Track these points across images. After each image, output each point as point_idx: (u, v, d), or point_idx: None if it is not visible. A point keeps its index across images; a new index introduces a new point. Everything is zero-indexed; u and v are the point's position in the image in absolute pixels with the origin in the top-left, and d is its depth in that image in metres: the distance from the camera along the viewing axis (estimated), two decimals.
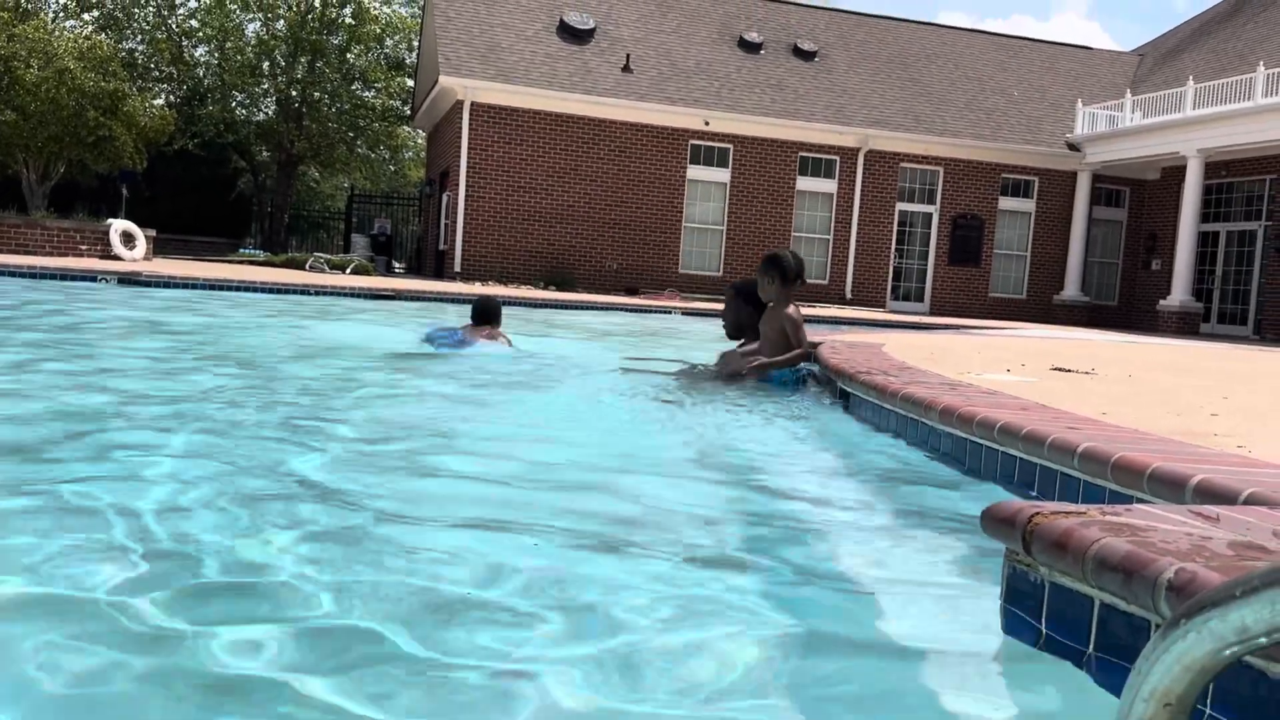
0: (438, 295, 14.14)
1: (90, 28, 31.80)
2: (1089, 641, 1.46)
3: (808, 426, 4.26)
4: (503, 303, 7.31)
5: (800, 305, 5.61)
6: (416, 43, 31.74)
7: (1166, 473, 2.10)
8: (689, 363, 6.08)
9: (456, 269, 20.62)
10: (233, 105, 34.78)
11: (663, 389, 5.15)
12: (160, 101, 32.67)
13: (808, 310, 13.79)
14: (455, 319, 9.36)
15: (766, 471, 3.39)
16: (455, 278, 20.34)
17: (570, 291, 18.65)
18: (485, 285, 17.99)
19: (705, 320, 13.18)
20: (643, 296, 18.93)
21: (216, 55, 34.66)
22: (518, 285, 19.10)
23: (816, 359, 5.29)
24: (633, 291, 20.44)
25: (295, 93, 34.15)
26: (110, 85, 22.27)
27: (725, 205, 22.06)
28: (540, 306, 14.02)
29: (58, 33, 24.87)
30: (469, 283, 18.96)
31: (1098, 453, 2.35)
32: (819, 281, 22.39)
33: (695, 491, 2.98)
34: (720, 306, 6.73)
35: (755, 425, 4.29)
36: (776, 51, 24.05)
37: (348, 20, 34.28)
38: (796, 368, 5.30)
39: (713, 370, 5.66)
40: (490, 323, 6.65)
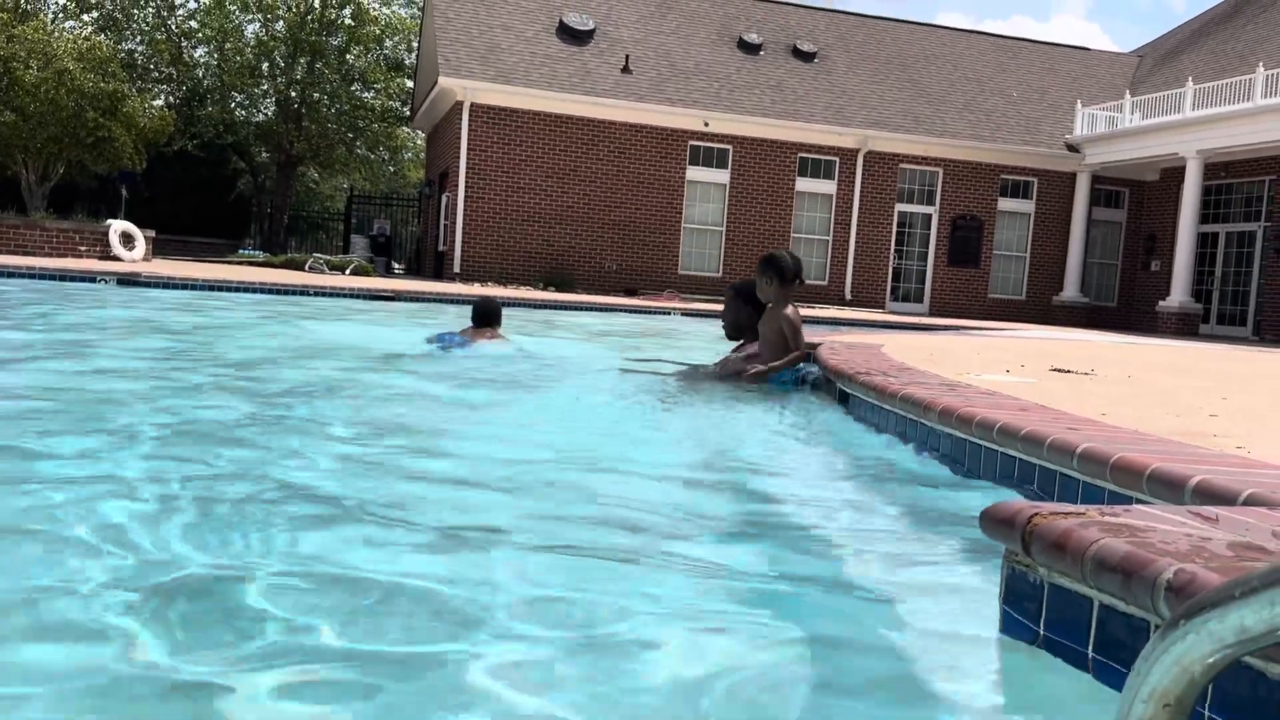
0: (437, 296, 14.14)
1: (90, 28, 31.81)
2: (1088, 642, 1.46)
3: (807, 427, 4.26)
4: (502, 304, 7.31)
5: (799, 306, 5.61)
6: (416, 44, 31.76)
7: (1166, 473, 2.10)
8: (688, 363, 6.08)
9: (456, 270, 20.62)
10: (232, 106, 34.80)
11: (662, 389, 5.15)
12: (159, 102, 32.67)
13: (807, 311, 13.79)
14: (455, 320, 9.36)
15: (765, 472, 3.39)
16: (455, 278, 20.34)
17: (569, 292, 18.66)
18: (484, 286, 17.99)
19: (704, 321, 13.18)
20: (642, 297, 18.93)
21: (216, 56, 34.66)
22: (517, 286, 19.10)
23: (816, 360, 5.29)
24: (632, 292, 20.44)
25: (294, 94, 34.16)
26: (110, 86, 22.28)
27: (725, 206, 22.07)
28: (540, 307, 14.02)
29: (57, 33, 24.88)
30: (468, 283, 18.96)
31: (1097, 453, 2.35)
32: (818, 282, 22.39)
33: (694, 492, 2.98)
34: (719, 307, 6.73)
35: (754, 426, 4.29)
36: (776, 52, 24.06)
37: (347, 21, 34.29)
38: (795, 368, 5.31)
39: (712, 371, 5.66)
40: (491, 324, 6.65)
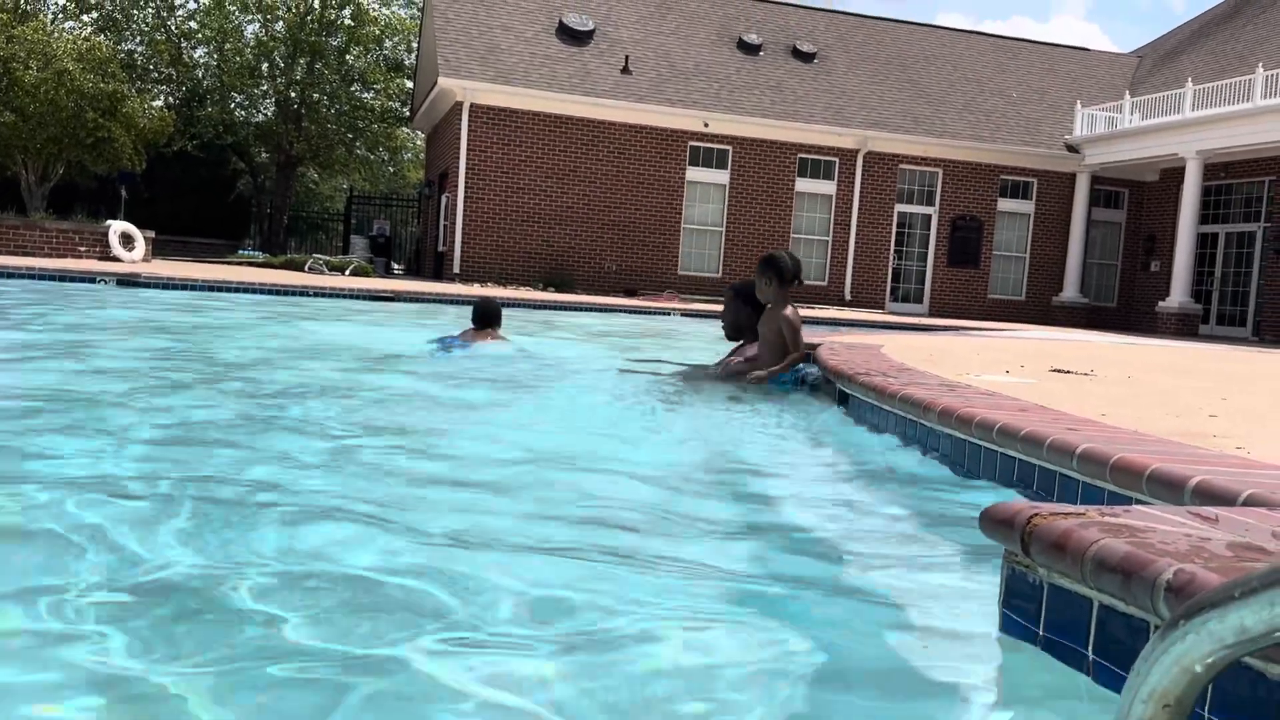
0: (437, 296, 14.14)
1: (89, 29, 31.79)
2: (1088, 643, 1.46)
3: (806, 428, 4.26)
4: (502, 304, 7.31)
5: (799, 306, 5.61)
6: (415, 44, 31.75)
7: (1165, 474, 2.10)
8: (688, 364, 6.08)
9: (455, 270, 20.62)
10: (232, 107, 34.78)
11: (662, 390, 5.15)
12: (159, 103, 32.67)
13: (807, 312, 13.80)
14: (455, 320, 9.36)
15: (765, 473, 3.39)
16: (454, 279, 20.33)
17: (569, 293, 18.66)
18: (484, 286, 17.99)
19: (704, 321, 13.18)
20: (642, 298, 18.93)
21: (215, 57, 34.65)
22: (517, 286, 19.10)
23: (815, 360, 5.29)
24: (631, 293, 20.44)
25: (294, 94, 34.15)
26: (109, 87, 22.28)
27: (724, 207, 22.07)
28: (539, 308, 14.02)
29: (57, 34, 24.86)
30: (468, 284, 18.96)
31: (1097, 454, 2.35)
32: (818, 283, 22.39)
33: (693, 493, 2.98)
34: (719, 308, 6.73)
35: (753, 426, 4.29)
36: (776, 53, 24.06)
37: (347, 22, 34.28)
38: (795, 369, 5.31)
39: (712, 371, 5.67)
40: (491, 325, 6.65)
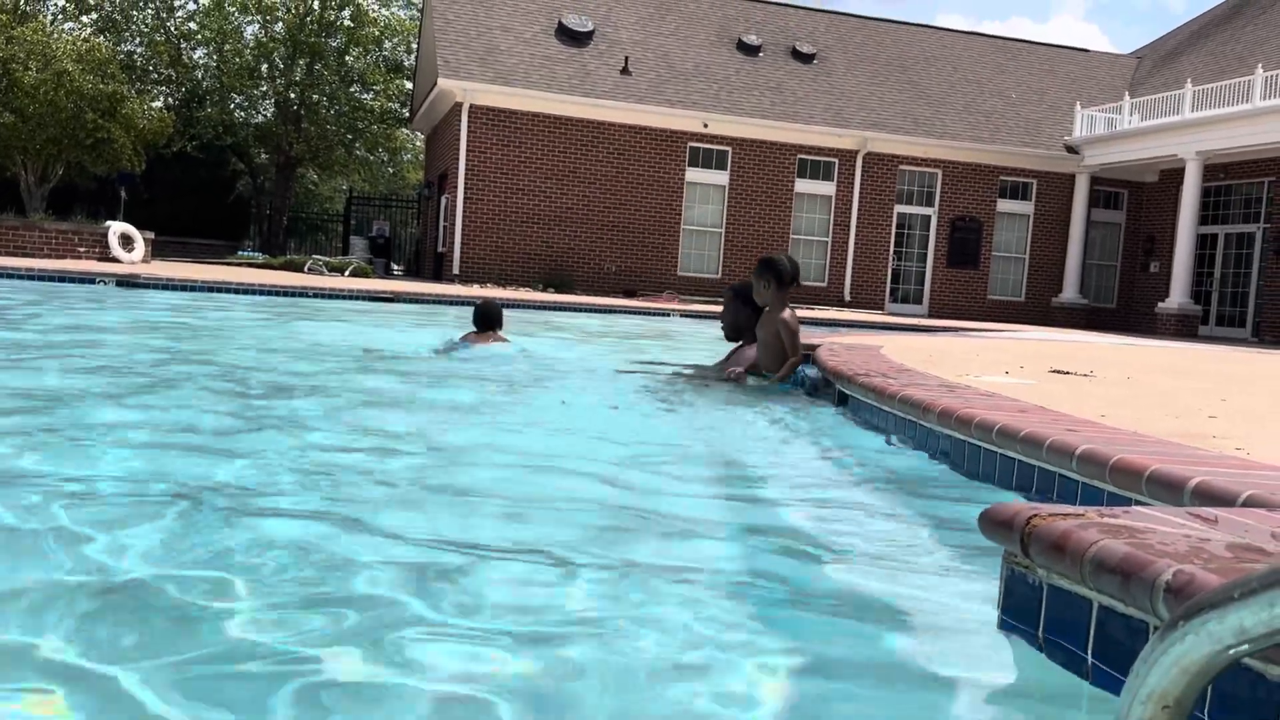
0: (436, 297, 14.14)
1: (89, 30, 31.78)
2: (1087, 643, 1.46)
3: (805, 429, 4.26)
4: (502, 305, 7.32)
5: (797, 307, 5.62)
6: (415, 45, 31.75)
7: (1165, 475, 2.10)
8: (687, 364, 6.09)
9: (455, 271, 20.62)
10: (231, 108, 34.77)
11: (661, 391, 5.15)
12: (159, 104, 32.68)
13: (806, 313, 13.82)
14: (455, 321, 9.35)
15: (763, 473, 3.39)
16: (454, 280, 20.33)
17: (569, 294, 18.65)
18: (484, 287, 17.99)
19: (703, 322, 13.18)
20: (641, 299, 18.93)
21: (215, 58, 34.64)
22: (516, 287, 19.09)
23: (815, 361, 5.29)
24: (631, 294, 20.44)
25: (294, 95, 34.15)
26: (109, 87, 22.28)
27: (724, 207, 22.07)
28: (539, 309, 14.02)
29: (56, 35, 24.86)
30: (467, 285, 18.95)
31: (1096, 455, 2.35)
32: (818, 284, 22.39)
33: (691, 493, 2.98)
34: (719, 308, 6.73)
35: (753, 427, 4.29)
36: (775, 54, 24.07)
37: (346, 23, 34.27)
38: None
39: (711, 372, 5.67)
40: (493, 327, 6.66)
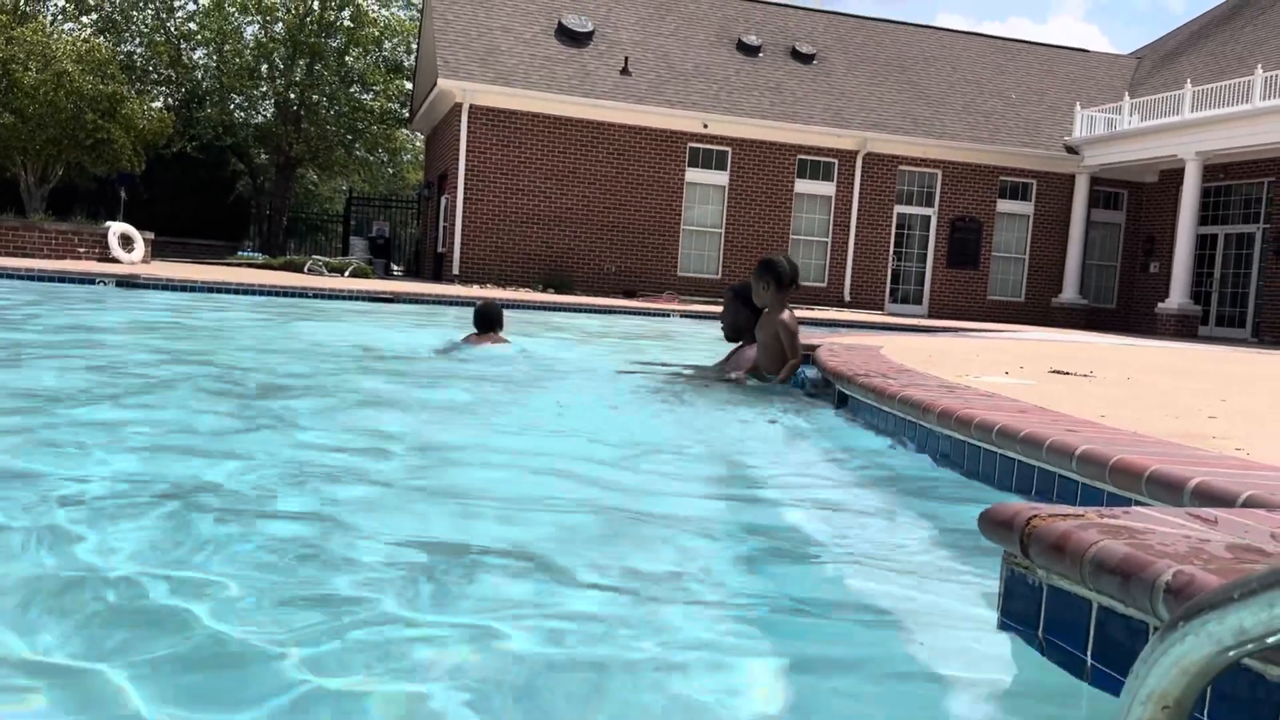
0: (436, 298, 14.14)
1: (89, 30, 31.78)
2: (1087, 644, 1.46)
3: (805, 429, 4.26)
4: (501, 305, 7.32)
5: (796, 308, 5.62)
6: (415, 45, 31.75)
7: (1165, 475, 2.10)
8: (687, 365, 6.09)
9: (455, 271, 20.62)
10: (231, 108, 34.76)
11: (660, 391, 5.15)
12: (159, 104, 32.67)
13: (806, 313, 13.81)
14: (455, 321, 9.36)
15: (763, 474, 3.39)
16: (454, 280, 20.33)
17: (568, 294, 18.65)
18: (484, 288, 17.99)
19: (703, 323, 13.18)
20: (641, 299, 18.93)
21: (215, 58, 34.64)
22: (516, 288, 19.09)
23: (815, 362, 5.29)
24: (631, 294, 20.44)
25: (293, 95, 34.15)
26: (109, 88, 22.28)
27: (724, 208, 22.06)
28: (538, 309, 14.02)
29: (56, 35, 24.86)
30: (467, 285, 18.95)
31: (1096, 455, 2.35)
32: (817, 284, 22.39)
33: (690, 494, 2.97)
34: (719, 309, 6.74)
35: (752, 428, 4.29)
36: (775, 54, 24.07)
37: (346, 23, 34.27)
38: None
39: (711, 372, 5.67)
40: (493, 329, 6.67)
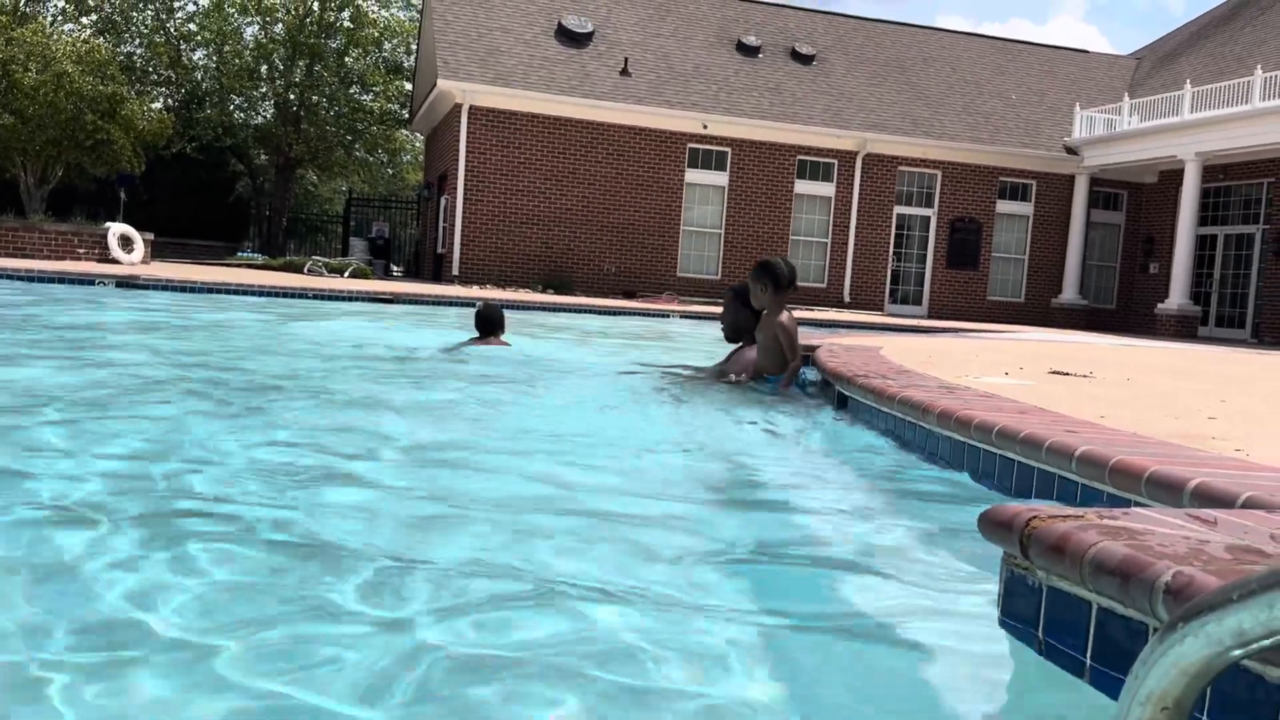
0: (436, 298, 14.14)
1: (88, 31, 31.79)
2: (1087, 645, 1.46)
3: (805, 430, 4.26)
4: (501, 306, 7.32)
5: (795, 308, 5.62)
6: (415, 46, 31.75)
7: (1164, 476, 2.10)
8: (687, 366, 6.09)
9: (455, 272, 20.62)
10: (231, 109, 34.76)
11: (660, 392, 5.15)
12: (158, 105, 32.67)
13: (806, 314, 13.81)
14: (455, 321, 9.35)
15: (763, 475, 3.39)
16: (453, 281, 20.33)
17: (568, 295, 18.65)
18: (483, 289, 17.99)
19: (703, 323, 13.18)
20: (640, 300, 18.93)
21: (215, 59, 34.64)
22: (516, 288, 19.09)
23: (814, 362, 5.29)
24: (630, 295, 20.43)
25: (293, 96, 34.16)
26: (108, 89, 22.28)
27: (723, 208, 22.06)
28: (538, 310, 14.02)
29: (56, 36, 24.86)
30: (467, 286, 18.95)
31: (1096, 456, 2.35)
32: (817, 284, 22.38)
33: (688, 495, 2.97)
34: (718, 309, 6.74)
35: (752, 429, 4.29)
36: (775, 55, 24.07)
37: (346, 24, 34.27)
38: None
39: (710, 373, 5.67)
40: (494, 332, 6.67)
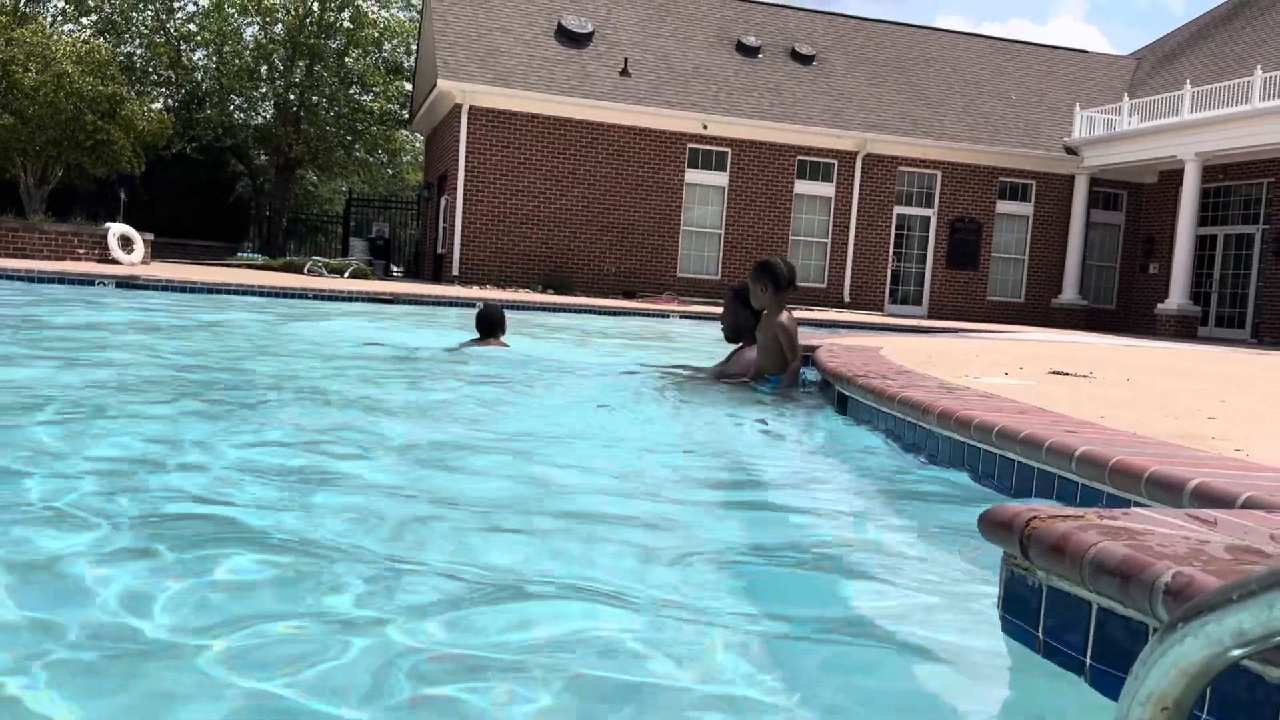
0: (436, 299, 14.14)
1: (89, 31, 31.79)
2: (1087, 645, 1.46)
3: (805, 430, 4.26)
4: (501, 306, 7.32)
5: (795, 309, 5.62)
6: (414, 47, 31.75)
7: (1164, 476, 2.10)
8: (686, 366, 6.09)
9: (455, 272, 20.62)
10: (231, 109, 34.77)
11: (660, 392, 5.15)
12: (158, 105, 32.67)
13: (806, 314, 13.81)
14: (456, 322, 9.35)
15: (763, 475, 3.39)
16: (453, 281, 20.33)
17: (568, 295, 18.65)
18: (483, 289, 17.99)
19: (703, 323, 13.18)
20: (640, 300, 18.92)
21: (215, 59, 34.64)
22: (515, 289, 19.09)
23: (814, 363, 5.29)
24: (630, 295, 20.43)
25: (293, 96, 34.16)
26: (108, 89, 22.29)
27: (723, 209, 22.06)
28: (538, 310, 14.02)
29: (56, 36, 24.87)
30: (467, 286, 18.95)
31: (1096, 456, 2.35)
32: (817, 285, 22.38)
33: (688, 496, 2.97)
34: (718, 310, 6.74)
35: (751, 429, 4.29)
36: (774, 55, 24.07)
37: (346, 24, 34.27)
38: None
39: (710, 373, 5.67)
40: (494, 334, 6.67)
